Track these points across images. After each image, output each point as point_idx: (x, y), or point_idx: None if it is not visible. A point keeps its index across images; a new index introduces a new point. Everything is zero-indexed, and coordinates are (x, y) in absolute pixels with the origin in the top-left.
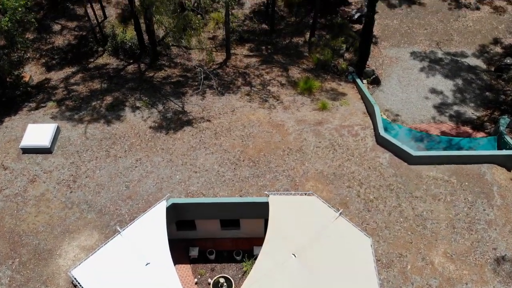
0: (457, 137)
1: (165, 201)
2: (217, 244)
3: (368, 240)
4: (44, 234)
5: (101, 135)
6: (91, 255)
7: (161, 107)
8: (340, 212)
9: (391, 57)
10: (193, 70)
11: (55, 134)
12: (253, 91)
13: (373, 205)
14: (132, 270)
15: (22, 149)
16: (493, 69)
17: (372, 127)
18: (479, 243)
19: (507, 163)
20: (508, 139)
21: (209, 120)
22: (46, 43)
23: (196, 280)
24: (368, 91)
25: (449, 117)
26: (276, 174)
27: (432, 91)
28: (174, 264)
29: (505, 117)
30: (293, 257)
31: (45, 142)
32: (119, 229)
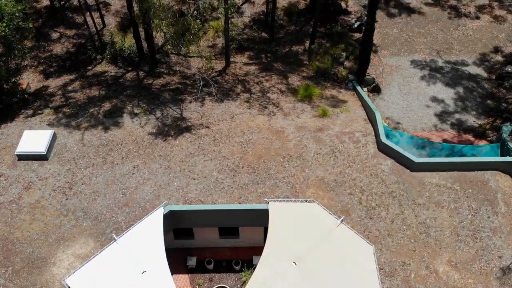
0: (459, 144)
1: (162, 208)
2: (215, 253)
3: (371, 248)
4: (38, 242)
5: (98, 142)
6: (86, 263)
7: (159, 114)
8: (342, 219)
9: (391, 65)
10: (192, 77)
11: (51, 141)
12: (252, 98)
13: (375, 212)
14: (128, 278)
15: (18, 155)
16: (494, 77)
17: (373, 133)
18: (484, 251)
19: (511, 170)
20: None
21: (208, 127)
22: (44, 50)
23: None
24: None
25: (450, 125)
26: (276, 181)
27: (433, 99)
28: (172, 274)
29: (508, 125)
30: (294, 265)
31: (41, 148)
32: (115, 237)
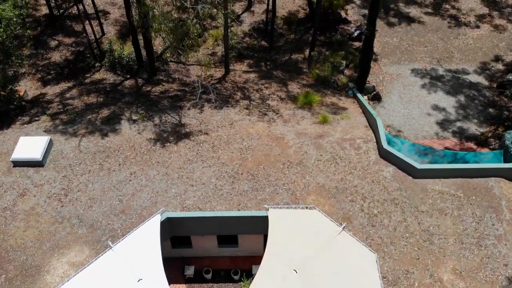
0: (462, 151)
1: (159, 215)
2: (214, 263)
3: (373, 256)
4: (32, 249)
5: (95, 148)
6: (81, 271)
7: (157, 121)
8: (344, 226)
9: (391, 74)
10: (192, 84)
11: (47, 147)
12: (252, 105)
13: (377, 219)
14: (124, 287)
15: (13, 162)
16: (495, 85)
17: (375, 140)
18: (489, 259)
19: None
20: None
21: (206, 133)
22: (42, 58)
23: None
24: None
25: (452, 133)
26: (276, 188)
27: (435, 107)
28: (169, 284)
29: (511, 132)
30: (294, 273)
31: (36, 155)
32: (110, 244)
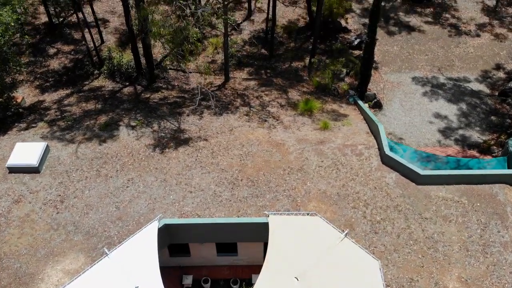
0: (465, 158)
1: (157, 221)
2: (212, 272)
3: (377, 263)
4: (26, 257)
5: (92, 155)
6: (75, 278)
7: (156, 127)
8: (346, 233)
9: (392, 82)
10: (191, 91)
11: (43, 153)
12: (252, 111)
13: (380, 226)
14: None
15: (9, 168)
16: (497, 93)
17: (377, 146)
18: (495, 267)
19: None
20: None
21: (206, 139)
22: (41, 66)
23: None
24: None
25: (454, 141)
26: (277, 194)
27: (436, 115)
28: None
29: None
30: (296, 280)
31: (32, 161)
32: (106, 251)
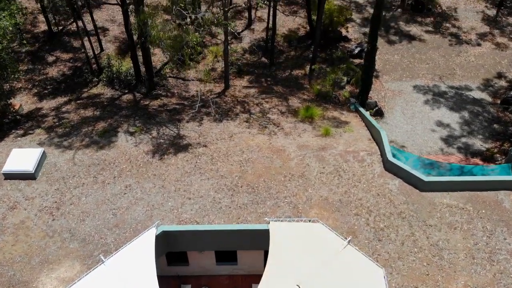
0: (469, 165)
1: (154, 228)
2: (212, 282)
3: (381, 271)
4: (20, 264)
5: (89, 161)
6: (70, 286)
7: (155, 133)
8: (349, 240)
9: (393, 90)
10: (191, 99)
11: (40, 160)
12: (252, 118)
13: (384, 234)
14: None
15: (4, 174)
16: (499, 102)
17: (379, 153)
18: (502, 275)
19: None
20: None
21: (205, 146)
22: (39, 73)
23: None
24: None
25: (457, 149)
26: (277, 201)
27: (438, 123)
28: None
29: None
30: None
31: (29, 167)
32: (102, 258)
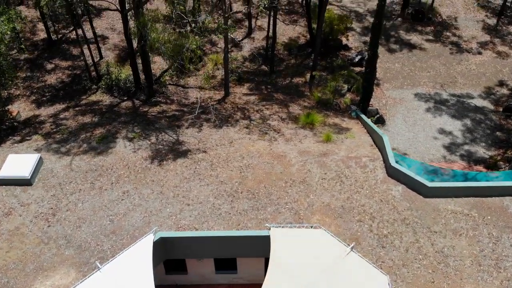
0: (473, 171)
1: (152, 234)
2: None
3: (385, 278)
4: (14, 271)
5: (87, 167)
6: None
7: (154, 139)
8: (352, 246)
9: (394, 98)
10: (190, 105)
11: (36, 165)
12: (252, 124)
13: (387, 240)
14: None
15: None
16: (501, 109)
17: (381, 158)
18: (509, 282)
19: None
20: None
21: (205, 151)
22: (38, 81)
23: None
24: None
25: (460, 157)
26: (278, 207)
27: (441, 131)
28: None
29: None
30: None
31: (25, 173)
32: (98, 265)
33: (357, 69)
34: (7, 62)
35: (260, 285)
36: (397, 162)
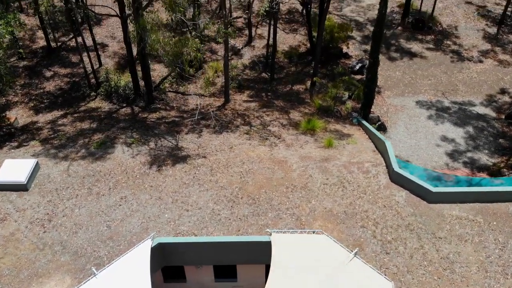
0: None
1: (150, 240)
2: None
3: (390, 285)
4: (8, 278)
5: (84, 172)
6: None
7: (153, 145)
8: (355, 252)
9: (395, 105)
10: (190, 111)
11: (33, 171)
12: (252, 130)
13: (391, 246)
14: None
15: None
16: (503, 117)
17: (384, 164)
18: None
19: None
20: None
21: (204, 157)
22: (36, 88)
23: None
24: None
25: (463, 164)
26: (279, 213)
27: (443, 138)
28: None
29: None
30: None
31: (21, 178)
32: (94, 271)
33: (358, 77)
34: (5, 67)
35: None
36: (400, 168)
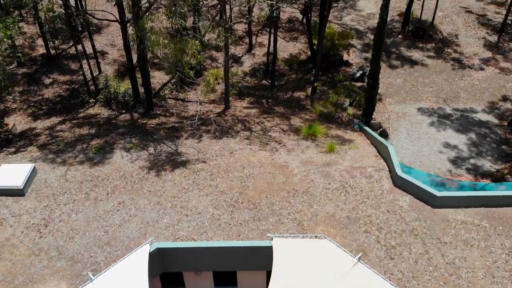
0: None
1: (148, 245)
2: None
3: None
4: (3, 283)
5: (82, 177)
6: None
7: (152, 150)
8: (359, 257)
9: (397, 112)
10: (190, 118)
11: (30, 175)
12: (253, 135)
13: (396, 252)
14: None
15: None
16: (506, 123)
17: (387, 169)
18: None
19: None
20: None
21: (204, 162)
22: (35, 95)
23: None
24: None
25: (466, 170)
26: (281, 217)
27: (446, 145)
28: None
29: None
30: None
31: (17, 183)
32: (91, 276)
33: (359, 84)
34: (3, 72)
35: None
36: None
